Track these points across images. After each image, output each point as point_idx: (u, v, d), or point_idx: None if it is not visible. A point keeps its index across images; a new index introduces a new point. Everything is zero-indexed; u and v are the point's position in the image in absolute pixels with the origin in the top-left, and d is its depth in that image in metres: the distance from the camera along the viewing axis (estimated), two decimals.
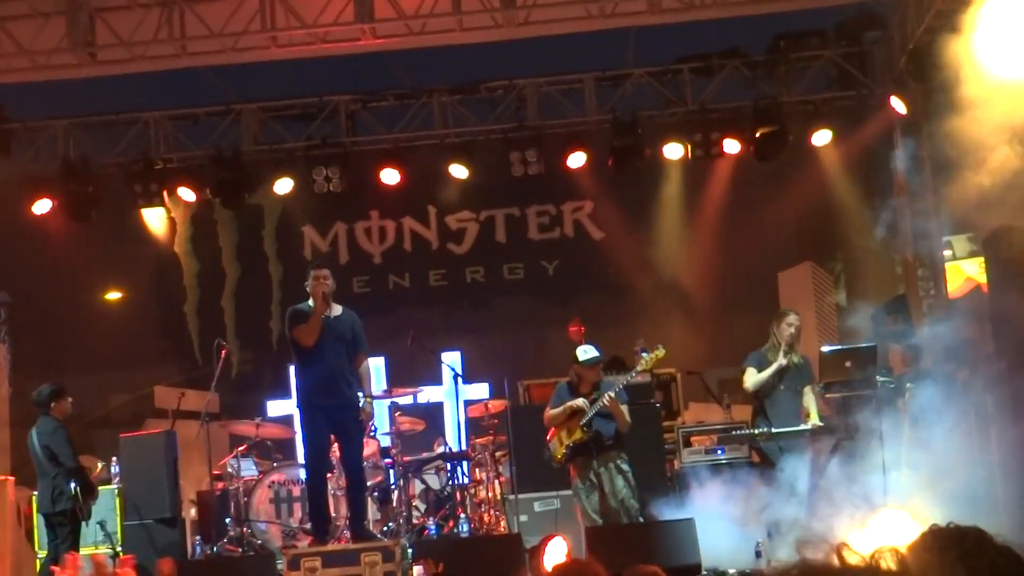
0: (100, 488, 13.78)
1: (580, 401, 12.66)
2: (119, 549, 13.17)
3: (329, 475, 12.85)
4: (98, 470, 13.66)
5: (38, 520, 13.48)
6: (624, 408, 12.63)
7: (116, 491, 13.66)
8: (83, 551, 13.10)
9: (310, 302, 12.03)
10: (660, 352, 12.73)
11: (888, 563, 3.41)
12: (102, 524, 13.22)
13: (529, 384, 16.34)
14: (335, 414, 12.00)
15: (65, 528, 12.72)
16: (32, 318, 18.17)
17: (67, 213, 17.38)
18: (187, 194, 17.64)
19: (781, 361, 12.71)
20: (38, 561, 13.51)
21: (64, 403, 13.00)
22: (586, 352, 12.79)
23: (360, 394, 12.24)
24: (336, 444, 12.42)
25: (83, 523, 12.81)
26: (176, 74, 16.45)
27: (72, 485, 12.54)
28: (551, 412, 12.75)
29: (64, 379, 17.77)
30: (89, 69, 15.69)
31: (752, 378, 12.86)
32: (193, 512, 14.79)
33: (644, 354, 12.77)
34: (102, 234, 17.87)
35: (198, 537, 13.99)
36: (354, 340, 12.21)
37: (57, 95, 17.37)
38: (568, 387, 12.91)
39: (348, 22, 15.16)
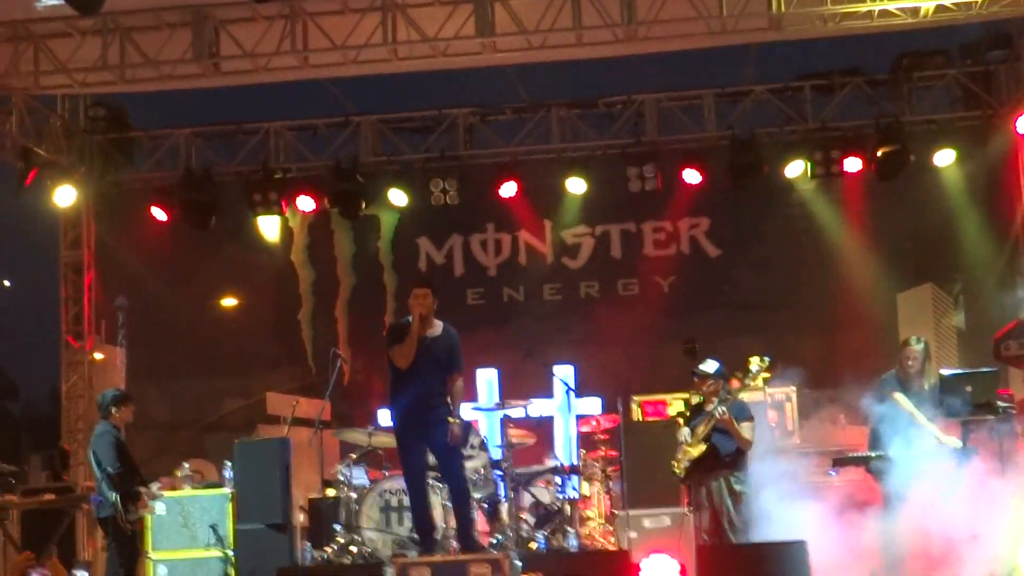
0: (213, 492, 13.90)
1: (682, 434, 12.62)
2: (230, 552, 13.25)
3: (440, 485, 12.83)
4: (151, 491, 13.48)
5: (151, 522, 13.60)
6: (747, 425, 12.49)
7: (229, 495, 13.74)
8: (171, 554, 13.23)
9: (411, 317, 12.01)
10: (766, 364, 12.59)
11: None
12: (214, 527, 13.30)
13: (642, 400, 16.25)
14: (429, 430, 11.93)
15: (109, 537, 12.73)
16: (149, 323, 18.43)
17: (187, 220, 17.68)
18: (305, 204, 17.86)
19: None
20: (148, 563, 13.62)
21: (125, 410, 13.00)
22: (703, 366, 12.72)
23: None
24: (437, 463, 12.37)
25: (129, 534, 12.73)
26: (297, 85, 16.60)
27: (112, 493, 12.50)
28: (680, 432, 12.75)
29: (178, 383, 18.21)
30: (212, 79, 15.89)
31: (908, 403, 12.51)
32: (303, 518, 14.85)
33: (754, 369, 12.62)
34: (220, 241, 18.16)
35: (308, 543, 14.01)
36: (449, 360, 12.08)
37: (180, 104, 17.67)
38: (696, 405, 12.88)
39: (469, 36, 15.19)
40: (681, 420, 13.07)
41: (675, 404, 15.98)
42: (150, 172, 18.47)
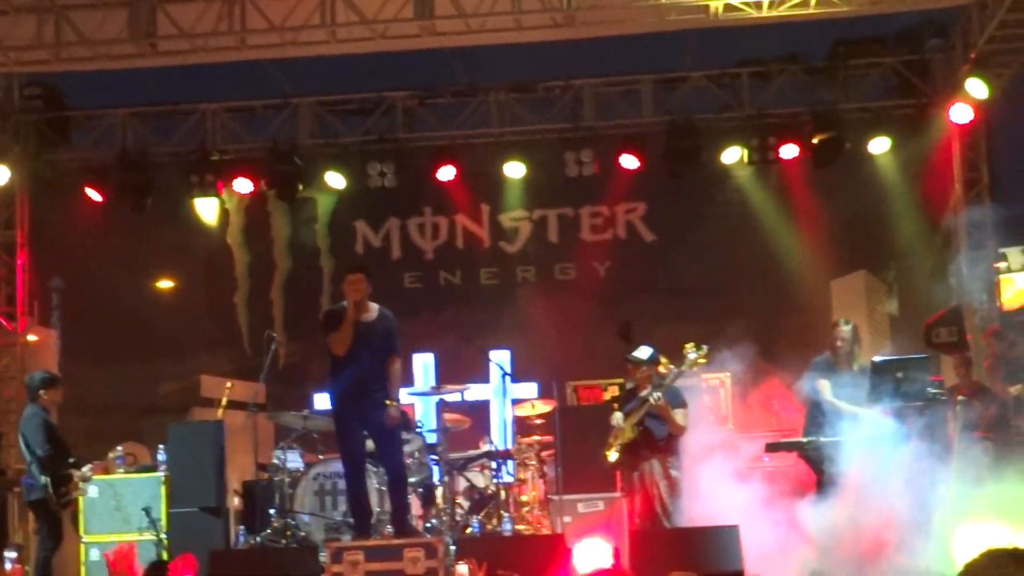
0: (147, 475, 13.85)
1: (615, 419, 12.67)
2: (163, 536, 13.20)
3: (375, 469, 12.84)
4: (82, 472, 13.49)
5: (84, 505, 13.55)
6: (680, 412, 12.55)
7: (162, 478, 13.70)
8: (104, 538, 13.14)
9: (346, 302, 12.01)
10: (703, 351, 12.65)
11: None
12: (147, 511, 13.24)
13: (577, 385, 16.30)
14: (368, 414, 11.96)
15: (40, 520, 12.72)
16: (84, 304, 18.28)
17: (122, 201, 17.52)
18: (242, 185, 17.72)
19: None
20: (81, 546, 13.56)
21: (54, 392, 13.02)
22: (637, 352, 12.77)
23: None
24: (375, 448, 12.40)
25: (59, 516, 12.76)
26: (234, 66, 16.50)
27: (42, 476, 12.48)
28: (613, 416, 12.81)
29: (113, 366, 18.06)
30: (149, 59, 15.77)
31: (829, 391, 12.71)
32: (237, 502, 14.82)
33: (690, 356, 12.66)
34: (156, 223, 17.97)
35: (242, 527, 14.00)
36: (386, 344, 12.11)
37: (117, 84, 17.49)
38: (629, 390, 12.94)
39: (408, 18, 15.15)
40: (616, 405, 13.13)
41: (611, 390, 16.04)
42: (85, 152, 18.24)
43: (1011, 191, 17.65)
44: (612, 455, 12.67)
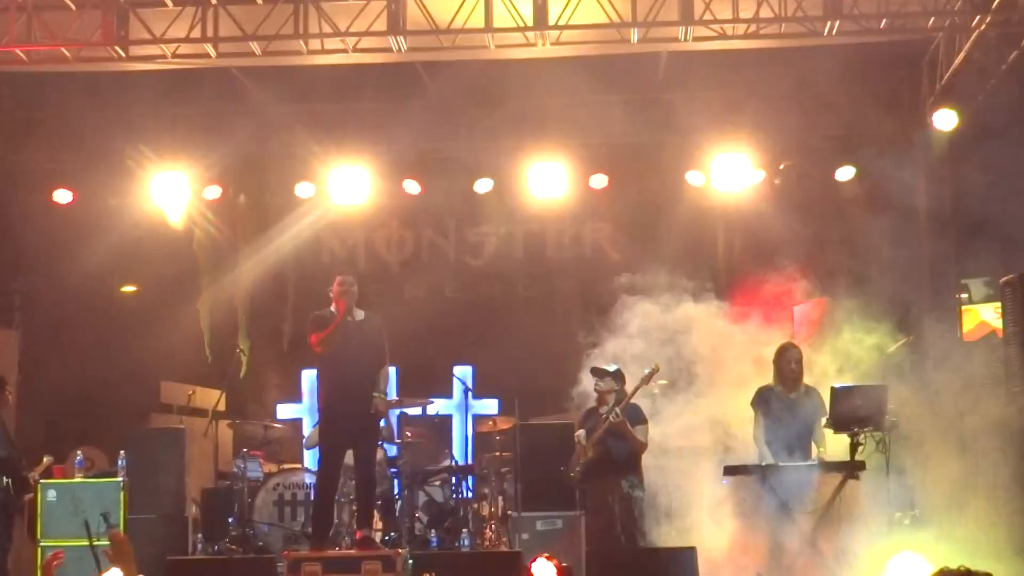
0: (106, 480, 13.82)
1: (579, 436, 12.76)
2: None
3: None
4: (43, 465, 13.58)
5: (42, 508, 13.50)
6: (641, 428, 12.63)
7: (121, 484, 13.66)
8: (61, 542, 13.07)
9: (332, 308, 12.05)
10: (656, 367, 12.77)
11: None
12: (105, 516, 13.17)
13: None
14: (354, 423, 11.99)
15: None
16: (46, 306, 18.17)
17: (88, 203, 17.42)
18: (210, 192, 17.67)
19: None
20: (38, 549, 13.51)
21: (3, 395, 13.05)
22: (606, 365, 12.89)
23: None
24: (352, 451, 12.42)
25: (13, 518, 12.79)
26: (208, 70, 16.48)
27: (3, 478, 12.51)
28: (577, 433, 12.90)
29: (74, 368, 17.92)
30: (120, 64, 15.72)
31: (756, 428, 12.87)
32: (196, 510, 14.80)
33: (646, 372, 12.78)
34: (123, 225, 17.87)
35: (200, 535, 14.00)
36: (375, 343, 12.25)
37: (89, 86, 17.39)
38: (590, 408, 13.02)
39: (380, 32, 15.16)
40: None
41: None
42: (54, 154, 18.13)
43: (974, 222, 17.74)
44: (575, 473, 12.77)
